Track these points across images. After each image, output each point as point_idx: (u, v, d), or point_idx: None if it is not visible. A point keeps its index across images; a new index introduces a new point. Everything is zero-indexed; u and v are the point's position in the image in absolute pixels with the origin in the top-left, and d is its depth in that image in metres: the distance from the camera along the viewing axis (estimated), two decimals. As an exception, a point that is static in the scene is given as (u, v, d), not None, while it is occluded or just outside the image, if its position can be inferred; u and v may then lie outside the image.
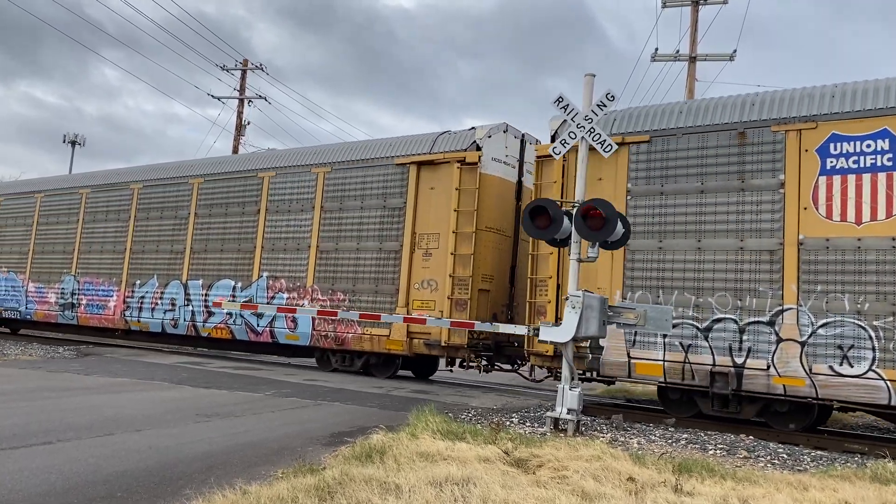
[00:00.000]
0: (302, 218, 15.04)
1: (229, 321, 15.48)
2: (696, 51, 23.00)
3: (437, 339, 12.88)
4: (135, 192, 18.31)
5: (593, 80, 9.19)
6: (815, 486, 5.77)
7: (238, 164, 16.91)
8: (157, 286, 16.98)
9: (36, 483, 4.99)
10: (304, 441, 7.17)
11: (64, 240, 19.67)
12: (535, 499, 4.68)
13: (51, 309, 19.36)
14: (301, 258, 14.84)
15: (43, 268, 19.97)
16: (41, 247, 20.14)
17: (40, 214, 20.47)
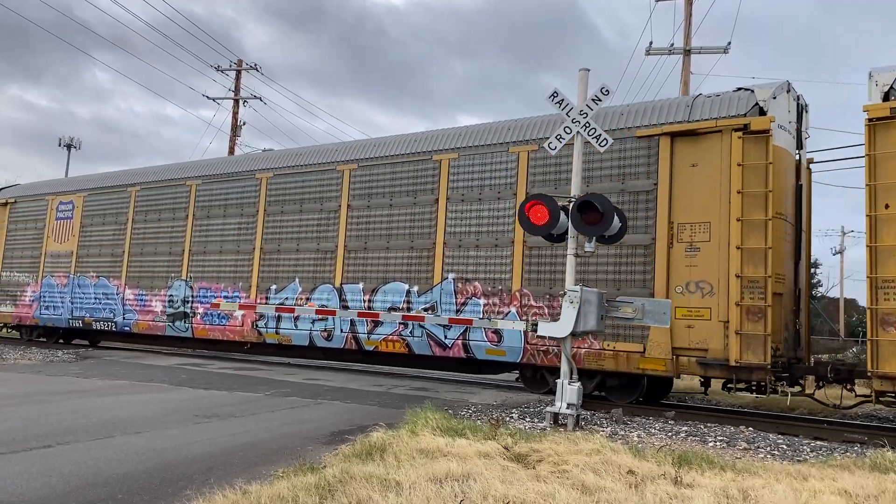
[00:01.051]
0: (499, 207, 12.45)
1: (404, 332, 12.88)
2: (691, 44, 23.00)
3: (721, 356, 10.02)
4: (262, 182, 15.73)
5: (588, 75, 9.19)
6: (814, 476, 5.79)
7: (408, 145, 14.04)
8: (301, 291, 14.55)
9: (36, 486, 4.99)
10: (304, 440, 7.17)
11: (169, 239, 17.15)
12: (535, 493, 4.69)
13: (156, 319, 16.80)
14: (501, 255, 12.24)
15: (143, 272, 17.52)
16: (139, 248, 17.71)
17: (136, 211, 18.00)
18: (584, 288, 8.60)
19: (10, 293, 20.54)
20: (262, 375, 13.35)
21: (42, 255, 19.83)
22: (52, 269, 19.52)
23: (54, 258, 19.53)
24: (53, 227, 19.79)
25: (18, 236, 20.84)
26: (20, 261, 20.58)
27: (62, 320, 19.02)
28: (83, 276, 18.75)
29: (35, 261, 20.05)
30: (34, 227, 20.37)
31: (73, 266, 19.02)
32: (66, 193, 19.88)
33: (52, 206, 20.00)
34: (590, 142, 9.01)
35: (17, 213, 21.15)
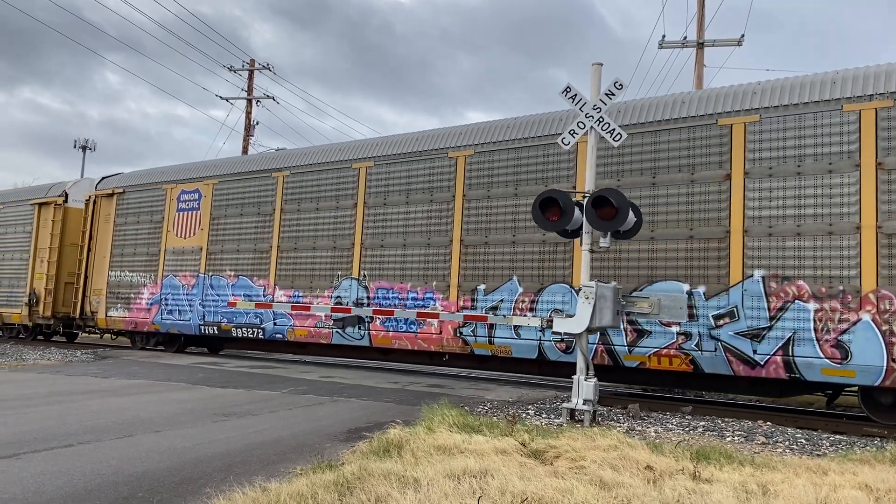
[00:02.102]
0: (833, 183, 9.44)
1: (687, 345, 10.04)
2: (704, 37, 22.84)
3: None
4: (459, 162, 13.06)
5: (601, 70, 9.16)
6: (834, 471, 5.75)
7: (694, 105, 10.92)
8: (521, 292, 11.88)
9: (59, 485, 5.05)
10: (321, 437, 7.21)
11: (332, 231, 14.61)
12: (553, 489, 4.69)
13: (319, 325, 14.27)
14: (843, 245, 9.24)
15: (299, 269, 14.96)
16: (291, 241, 15.16)
17: (286, 199, 15.44)
18: (598, 283, 8.58)
19: (122, 296, 18.19)
20: (278, 373, 13.41)
21: (161, 252, 17.45)
22: (176, 268, 17.08)
23: (177, 255, 17.14)
24: (174, 219, 17.38)
25: (129, 231, 18.46)
26: (132, 259, 18.19)
27: (191, 326, 16.43)
28: (218, 276, 16.25)
29: (152, 258, 17.67)
30: (149, 221, 18.01)
31: (202, 264, 16.54)
32: (189, 181, 17.40)
33: (172, 196, 17.55)
34: (604, 137, 8.99)
35: (127, 205, 18.73)
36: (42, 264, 20.34)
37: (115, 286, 18.45)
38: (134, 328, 17.87)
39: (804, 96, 9.84)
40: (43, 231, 20.56)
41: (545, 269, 11.80)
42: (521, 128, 12.59)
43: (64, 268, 20.17)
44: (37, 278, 20.49)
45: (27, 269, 20.78)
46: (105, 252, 18.90)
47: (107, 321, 18.43)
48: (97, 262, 19.08)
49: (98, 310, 18.64)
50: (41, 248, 20.50)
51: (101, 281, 18.82)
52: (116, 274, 18.47)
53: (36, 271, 20.48)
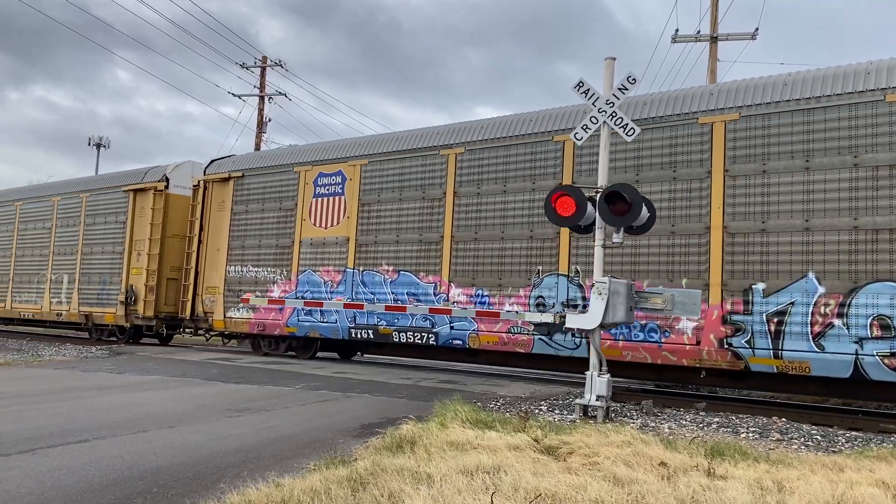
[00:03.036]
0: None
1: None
2: (718, 31, 22.67)
3: None
4: (714, 129, 10.62)
5: (614, 64, 9.11)
6: (850, 468, 5.70)
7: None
8: (823, 293, 9.52)
9: (75, 480, 5.08)
10: (334, 433, 7.22)
11: (527, 218, 12.25)
12: (566, 485, 4.67)
13: (515, 330, 11.94)
14: None
15: (483, 263, 12.66)
16: (470, 230, 12.79)
17: (461, 181, 13.09)
18: (612, 279, 8.54)
19: (246, 294, 15.93)
20: (291, 369, 13.46)
21: (294, 244, 15.26)
22: (314, 262, 14.95)
23: (315, 247, 14.99)
24: (310, 206, 15.17)
25: (252, 220, 16.26)
26: (257, 252, 15.97)
27: (338, 329, 14.28)
28: (371, 271, 14.09)
29: (283, 251, 15.47)
30: (277, 208, 15.81)
31: (350, 257, 14.41)
32: (328, 162, 15.15)
33: (307, 180, 15.33)
34: (617, 132, 8.94)
35: (248, 190, 16.47)
36: (140, 258, 18.46)
37: (234, 283, 16.22)
38: (261, 331, 15.57)
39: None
40: (140, 221, 18.64)
41: (859, 263, 9.34)
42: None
43: (166, 262, 18.30)
44: (133, 274, 18.52)
45: (121, 263, 18.91)
46: (220, 244, 16.67)
47: (225, 323, 16.17)
48: (209, 255, 16.88)
49: (214, 310, 16.40)
50: (137, 240, 18.61)
51: (215, 277, 16.62)
52: (236, 269, 16.24)
53: (132, 266, 18.58)
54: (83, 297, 19.93)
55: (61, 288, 20.62)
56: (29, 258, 21.98)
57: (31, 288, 21.66)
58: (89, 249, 19.93)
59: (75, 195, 20.88)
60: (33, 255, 21.81)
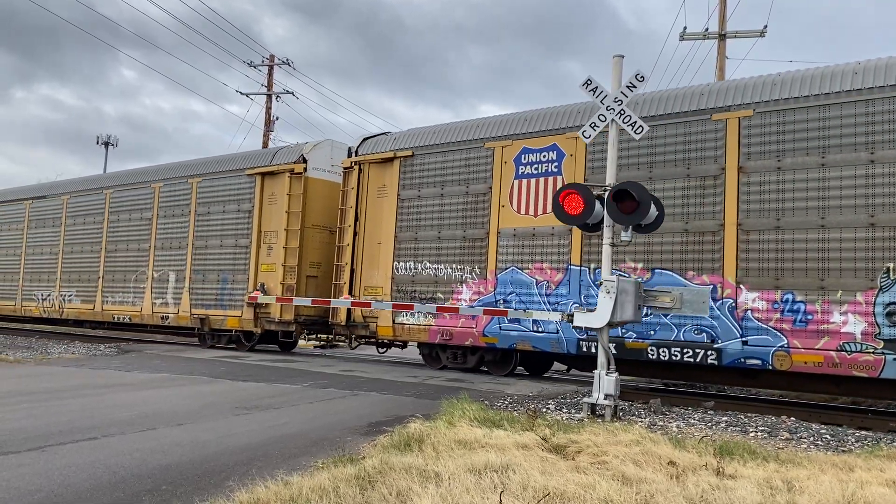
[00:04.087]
0: None
1: None
2: (726, 28, 22.58)
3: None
4: None
5: (622, 62, 9.08)
6: (860, 467, 5.68)
7: None
8: None
9: (84, 478, 5.10)
10: (342, 431, 7.23)
11: (866, 199, 9.49)
12: (575, 484, 4.66)
13: (853, 347, 9.29)
14: None
15: (788, 259, 9.97)
16: (768, 216, 10.15)
17: (747, 153, 10.42)
18: (620, 277, 8.52)
19: (420, 294, 13.48)
20: (299, 367, 13.47)
21: (490, 236, 12.75)
22: (520, 257, 12.39)
23: (521, 239, 12.42)
24: (512, 189, 12.59)
25: (428, 207, 13.73)
26: (436, 245, 13.42)
27: (560, 341, 11.65)
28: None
29: (474, 245, 12.95)
30: (463, 192, 13.21)
31: (574, 251, 11.78)
32: (535, 135, 12.51)
33: (504, 157, 12.75)
34: (625, 129, 8.91)
35: (420, 172, 13.92)
36: (271, 252, 15.95)
37: (404, 282, 13.71)
38: (446, 340, 12.95)
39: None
40: (270, 209, 16.12)
41: None
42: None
43: (305, 257, 15.79)
44: (263, 270, 16.04)
45: (247, 258, 16.39)
46: (382, 236, 14.12)
47: (394, 330, 13.64)
48: (367, 249, 14.34)
49: (378, 314, 13.78)
50: (267, 232, 16.09)
51: (377, 275, 14.10)
52: (407, 266, 13.72)
53: (261, 262, 16.10)
54: (196, 298, 17.38)
55: (166, 287, 17.98)
56: (123, 253, 19.37)
57: (127, 287, 19.08)
58: (203, 243, 17.37)
59: (182, 181, 18.16)
60: (129, 250, 19.23)
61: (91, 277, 20.20)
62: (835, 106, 9.81)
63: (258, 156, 16.99)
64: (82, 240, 20.69)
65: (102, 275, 19.89)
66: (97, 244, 20.19)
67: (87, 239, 20.55)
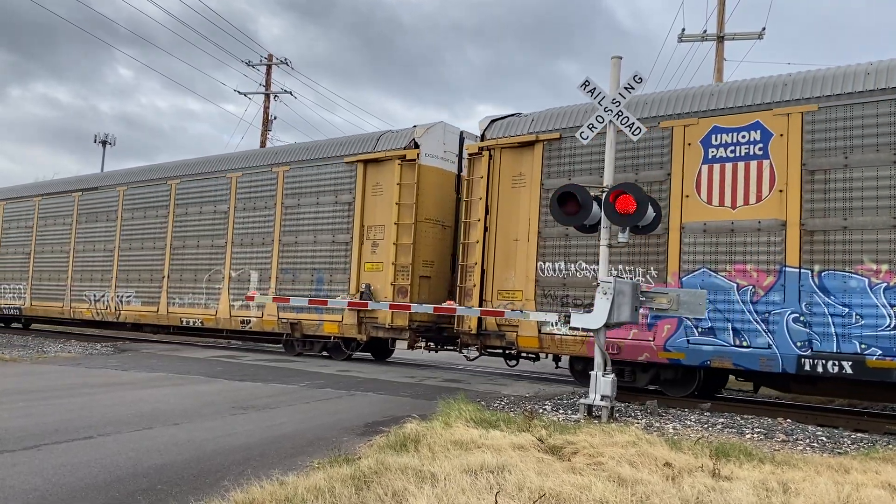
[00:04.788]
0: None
1: None
2: (724, 30, 22.60)
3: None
4: None
5: (620, 63, 9.09)
6: (856, 469, 5.68)
7: None
8: None
9: (79, 477, 5.09)
10: (338, 431, 7.23)
11: None
12: (571, 485, 4.66)
13: None
14: None
15: None
16: None
17: None
18: (617, 279, 8.52)
19: (575, 299, 11.35)
20: (295, 367, 13.47)
21: (670, 231, 10.54)
22: (712, 257, 10.34)
23: (713, 236, 10.33)
24: (699, 176, 10.46)
25: None
26: (594, 244, 10.51)
27: (775, 358, 9.63)
28: (843, 272, 9.38)
29: (647, 241, 10.73)
30: (630, 180, 10.52)
31: (790, 250, 9.78)
32: (730, 112, 10.47)
33: (687, 139, 10.62)
34: (622, 130, 8.92)
35: (569, 157, 11.77)
36: (377, 249, 14.13)
37: (552, 286, 11.65)
38: (613, 354, 10.41)
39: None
40: (374, 200, 14.27)
41: None
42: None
43: (418, 255, 13.89)
44: (367, 270, 14.22)
45: (346, 256, 14.54)
46: (519, 232, 12.09)
47: (541, 340, 11.63)
48: (501, 247, 12.34)
49: (518, 322, 11.79)
50: (371, 226, 14.26)
51: (513, 277, 12.16)
52: (556, 267, 11.69)
53: (364, 260, 14.29)
54: None
55: (247, 288, 16.17)
56: (193, 250, 17.42)
57: (199, 288, 17.03)
58: (292, 238, 15.49)
59: (265, 170, 16.27)
60: (200, 247, 17.24)
61: (154, 277, 18.20)
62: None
63: (358, 141, 15.10)
64: (143, 235, 18.72)
65: (168, 274, 17.87)
66: (161, 240, 18.18)
67: (148, 234, 18.58)
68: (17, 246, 22.47)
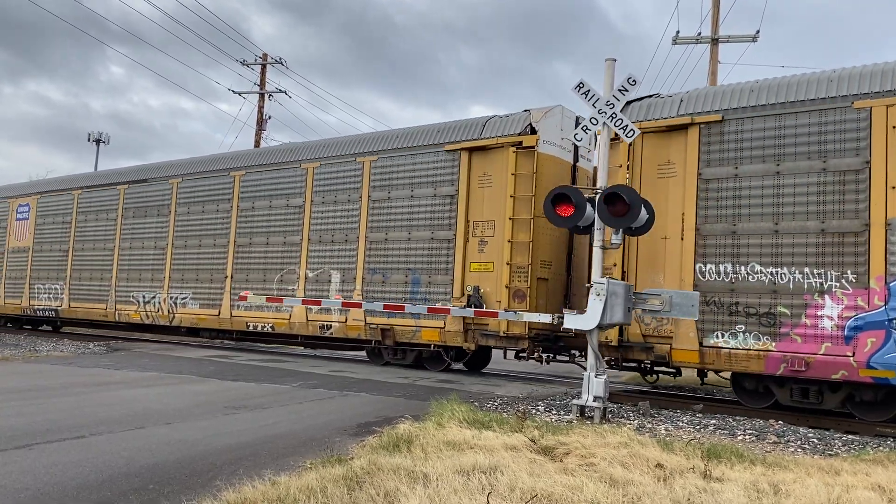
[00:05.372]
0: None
1: None
2: (719, 32, 22.68)
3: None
4: None
5: (614, 65, 9.12)
6: (846, 471, 5.71)
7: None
8: None
9: (70, 476, 5.08)
10: (331, 431, 7.22)
11: None
12: (562, 486, 4.67)
13: None
14: None
15: None
16: None
17: None
18: (610, 280, 8.55)
19: (748, 308, 9.80)
20: (288, 367, 13.45)
21: (871, 228, 9.12)
22: None
23: None
24: None
25: (747, 189, 10.05)
26: (770, 242, 9.78)
27: None
28: None
29: (836, 240, 9.35)
30: (817, 168, 9.55)
31: None
32: None
33: (890, 120, 9.12)
34: (617, 133, 8.94)
35: (735, 143, 10.22)
36: (485, 247, 12.62)
37: (716, 291, 10.03)
38: (797, 371, 9.29)
39: None
40: (480, 193, 12.81)
41: None
42: None
43: (536, 254, 12.30)
44: (473, 270, 12.74)
45: (449, 254, 13.01)
46: (668, 228, 10.57)
47: (701, 355, 10.09)
48: (644, 246, 10.80)
49: (675, 333, 10.28)
50: (478, 222, 12.80)
51: (661, 281, 10.56)
52: (723, 269, 10.07)
53: (470, 260, 12.78)
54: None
55: (327, 290, 14.58)
56: (261, 248, 15.82)
57: (269, 289, 15.45)
58: (381, 235, 13.95)
59: (348, 160, 14.77)
60: (270, 244, 15.67)
61: (215, 277, 16.54)
62: None
63: (461, 127, 13.51)
64: (201, 231, 17.13)
65: (232, 274, 16.20)
66: (223, 237, 16.58)
67: (207, 230, 17.00)
68: (52, 243, 20.89)
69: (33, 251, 21.44)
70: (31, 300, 21.13)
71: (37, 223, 21.56)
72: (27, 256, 21.59)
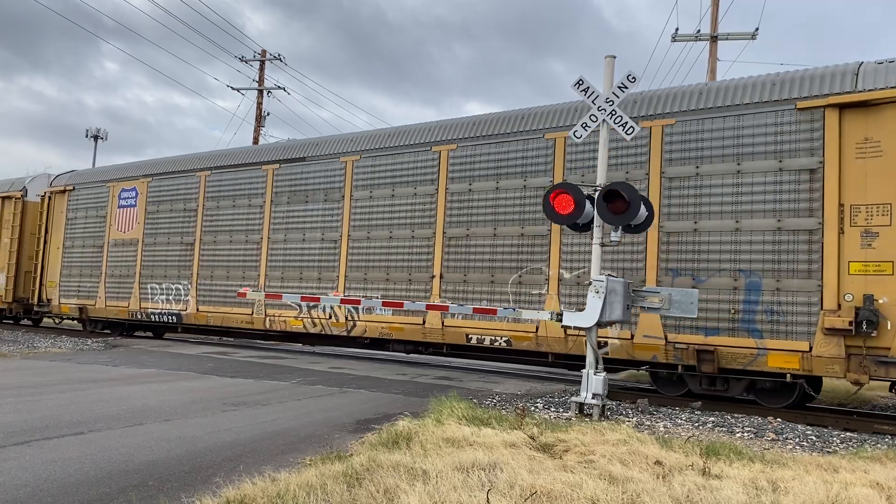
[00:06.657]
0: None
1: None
2: (718, 30, 22.67)
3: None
4: None
5: (614, 62, 9.09)
6: (845, 468, 5.72)
7: None
8: None
9: (69, 473, 5.08)
10: (330, 428, 7.22)
11: None
12: (562, 483, 4.68)
13: None
14: None
15: None
16: None
17: None
18: (609, 277, 8.54)
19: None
20: (287, 364, 13.45)
21: None
22: None
23: None
24: None
25: None
26: None
27: None
28: None
29: None
30: None
31: None
32: None
33: None
34: (615, 130, 8.93)
35: None
36: (876, 242, 9.01)
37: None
38: None
39: None
40: (864, 166, 9.16)
41: None
42: None
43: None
44: (855, 273, 9.11)
45: (810, 251, 9.34)
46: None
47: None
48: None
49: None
50: (860, 206, 9.14)
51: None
52: None
53: (848, 258, 9.15)
54: (672, 319, 10.15)
55: (584, 295, 10.43)
56: (482, 240, 12.33)
57: (497, 293, 12.08)
58: (688, 225, 10.39)
59: (536, 135, 11.94)
60: (497, 236, 12.18)
61: (415, 277, 13.15)
62: None
63: (818, 77, 9.82)
64: (396, 220, 13.56)
65: (441, 273, 12.76)
66: (427, 227, 13.03)
67: (403, 219, 13.46)
68: (171, 234, 17.38)
69: (144, 244, 17.94)
70: (143, 302, 17.69)
71: (147, 211, 18.02)
72: (136, 251, 18.08)
